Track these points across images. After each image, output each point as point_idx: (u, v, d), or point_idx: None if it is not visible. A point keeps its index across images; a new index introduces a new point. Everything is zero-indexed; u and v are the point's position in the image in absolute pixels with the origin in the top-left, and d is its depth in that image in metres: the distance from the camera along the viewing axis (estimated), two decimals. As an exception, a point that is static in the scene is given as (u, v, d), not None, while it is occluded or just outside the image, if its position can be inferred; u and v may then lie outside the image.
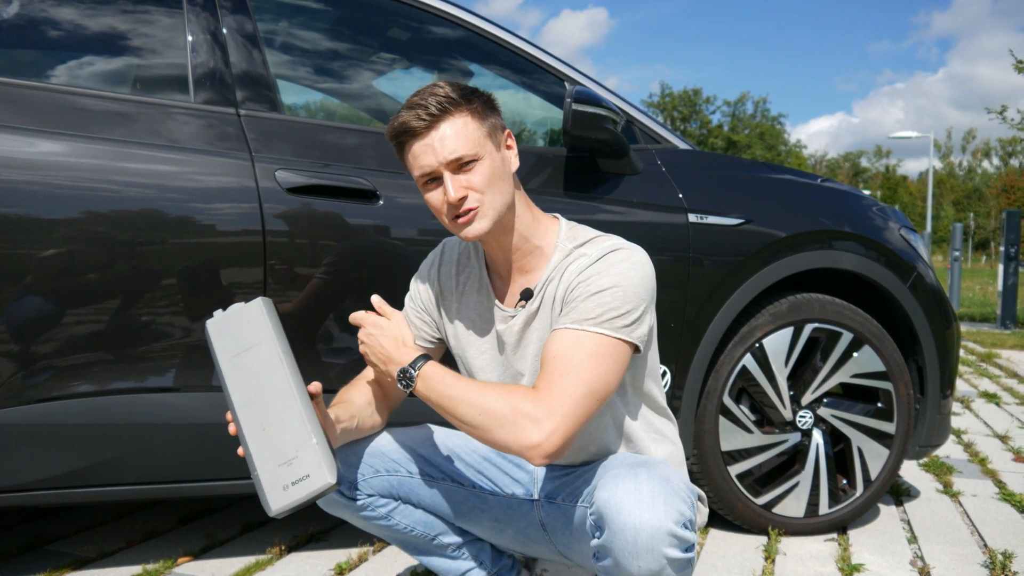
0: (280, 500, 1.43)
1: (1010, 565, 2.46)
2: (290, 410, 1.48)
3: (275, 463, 1.45)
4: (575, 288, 1.61)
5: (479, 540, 1.93)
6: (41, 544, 2.56)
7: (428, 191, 1.64)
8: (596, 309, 1.56)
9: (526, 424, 1.48)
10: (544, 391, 1.51)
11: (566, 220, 1.76)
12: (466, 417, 1.53)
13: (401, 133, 1.61)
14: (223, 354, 1.54)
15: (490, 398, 1.52)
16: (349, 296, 2.27)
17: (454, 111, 1.58)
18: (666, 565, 1.41)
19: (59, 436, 2.06)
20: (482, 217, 1.61)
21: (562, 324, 1.58)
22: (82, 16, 2.29)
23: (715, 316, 2.57)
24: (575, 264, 1.65)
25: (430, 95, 1.58)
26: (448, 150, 1.58)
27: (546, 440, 1.47)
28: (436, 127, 1.58)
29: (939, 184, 75.60)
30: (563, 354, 1.54)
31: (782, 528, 2.71)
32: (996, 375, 6.44)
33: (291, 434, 1.46)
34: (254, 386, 1.50)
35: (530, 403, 1.49)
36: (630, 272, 1.59)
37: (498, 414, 1.50)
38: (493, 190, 1.61)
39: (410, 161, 1.63)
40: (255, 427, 1.48)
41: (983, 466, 3.63)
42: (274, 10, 2.69)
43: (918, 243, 2.98)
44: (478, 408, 1.52)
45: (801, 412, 2.69)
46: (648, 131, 2.73)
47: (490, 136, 1.63)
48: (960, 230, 12.51)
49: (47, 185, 2.02)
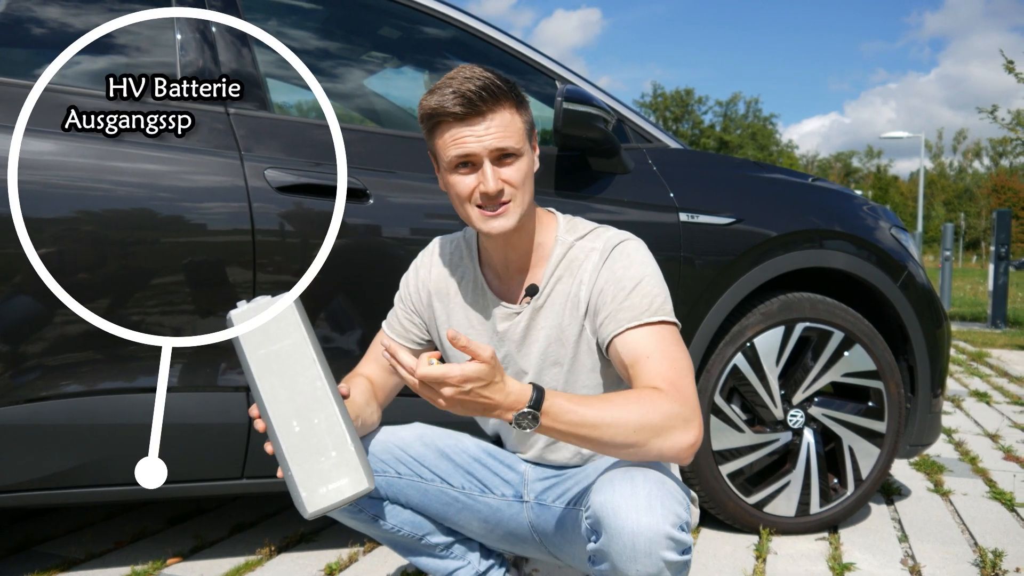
0: (317, 502, 1.41)
1: (1000, 563, 2.46)
2: (326, 411, 1.45)
3: (310, 464, 1.42)
4: (604, 289, 1.62)
5: (468, 540, 1.92)
6: (29, 545, 2.55)
7: (458, 174, 1.60)
8: (644, 301, 1.58)
9: (681, 426, 1.45)
10: (671, 389, 1.48)
11: (562, 214, 1.76)
12: (617, 439, 1.42)
13: (439, 115, 1.57)
14: (251, 348, 1.49)
15: (636, 412, 1.43)
16: (340, 295, 2.26)
17: (501, 100, 1.56)
18: (664, 568, 1.40)
19: (47, 436, 2.04)
20: (511, 214, 1.61)
21: (623, 326, 1.58)
22: (71, 14, 2.28)
23: (706, 315, 2.57)
24: (588, 262, 1.66)
25: (474, 80, 1.54)
26: (496, 140, 1.56)
27: (698, 436, 1.46)
28: (485, 115, 1.55)
29: (930, 184, 75.87)
30: (655, 350, 1.54)
31: (773, 527, 2.71)
32: (987, 374, 6.46)
33: (327, 435, 1.44)
34: (286, 383, 1.47)
35: (675, 405, 1.46)
36: (648, 259, 1.66)
37: (654, 426, 1.43)
38: (524, 188, 1.61)
39: (446, 141, 1.58)
40: (288, 425, 1.44)
41: (973, 465, 3.64)
42: (264, 8, 2.68)
43: (909, 242, 2.99)
44: (632, 426, 1.42)
45: (792, 411, 2.69)
46: (639, 130, 2.73)
47: (528, 134, 1.63)
48: (951, 230, 12.55)
49: (36, 184, 2.00)
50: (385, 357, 1.44)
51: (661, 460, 1.47)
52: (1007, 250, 10.31)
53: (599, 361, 1.69)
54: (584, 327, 1.66)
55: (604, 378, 1.71)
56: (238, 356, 1.51)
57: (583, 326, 1.66)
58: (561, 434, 1.43)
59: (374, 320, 1.93)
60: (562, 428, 1.42)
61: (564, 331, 1.67)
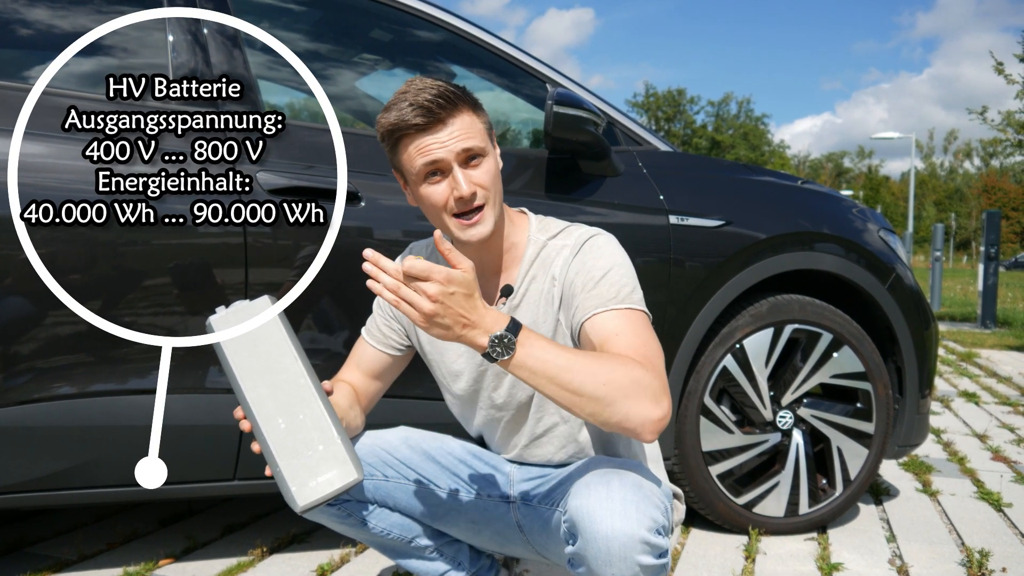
0: (307, 496, 1.43)
1: (986, 563, 2.48)
2: (310, 406, 1.47)
3: (298, 459, 1.44)
4: (575, 281, 1.62)
5: (457, 541, 1.93)
6: (21, 547, 2.55)
7: (429, 184, 1.60)
8: (611, 289, 1.58)
9: (649, 398, 1.40)
10: (644, 361, 1.45)
11: (534, 214, 1.77)
12: (586, 387, 1.38)
13: (401, 129, 1.57)
14: (232, 351, 1.51)
15: (607, 368, 1.40)
16: (331, 297, 2.27)
17: (459, 105, 1.57)
18: (639, 572, 1.41)
19: (40, 438, 2.05)
20: (487, 219, 1.61)
21: (590, 312, 1.56)
22: (61, 16, 2.28)
23: (696, 317, 2.59)
24: (559, 258, 1.66)
25: (428, 90, 1.55)
26: (461, 142, 1.56)
27: (666, 413, 1.42)
28: (444, 122, 1.55)
29: (921, 185, 76.13)
30: (624, 329, 1.52)
31: (762, 527, 2.73)
32: (976, 375, 6.49)
33: (313, 430, 1.45)
34: (269, 382, 1.48)
35: (647, 375, 1.42)
36: (617, 251, 1.66)
37: (623, 385, 1.39)
38: (495, 189, 1.62)
39: (411, 154, 1.58)
40: (273, 423, 1.46)
41: (962, 465, 3.67)
42: (256, 11, 2.69)
43: (897, 245, 3.01)
44: (601, 379, 1.38)
45: (781, 412, 2.71)
46: (629, 133, 2.74)
47: (488, 133, 1.64)
48: (941, 230, 12.61)
49: (28, 185, 2.01)
50: (367, 258, 1.39)
51: (625, 428, 1.41)
52: (997, 250, 10.36)
53: None
54: (559, 320, 1.68)
55: None
56: (219, 359, 1.52)
57: (558, 319, 1.68)
58: (531, 372, 1.39)
59: (364, 323, 1.94)
60: (532, 364, 1.38)
61: (540, 328, 1.68)
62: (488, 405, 1.79)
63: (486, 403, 1.79)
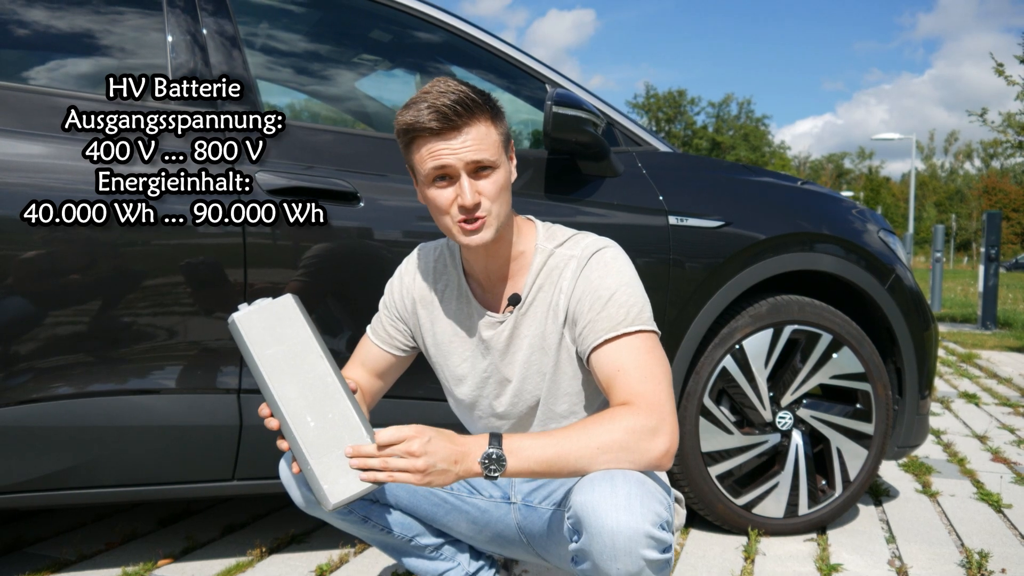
0: (339, 494, 1.45)
1: (986, 564, 2.48)
2: (339, 404, 1.50)
3: (329, 457, 1.46)
4: (583, 299, 1.63)
5: (458, 541, 1.94)
6: (20, 547, 2.55)
7: (436, 187, 1.60)
8: (620, 312, 1.60)
9: (648, 437, 1.49)
10: (640, 401, 1.53)
11: (540, 222, 1.77)
12: (584, 464, 1.48)
13: (416, 129, 1.57)
14: (257, 349, 1.53)
15: (598, 435, 1.49)
16: (330, 298, 2.27)
17: (476, 114, 1.57)
18: (644, 567, 1.42)
19: (39, 438, 2.05)
20: (488, 227, 1.61)
21: (600, 338, 1.60)
22: (60, 17, 2.28)
23: (695, 318, 2.59)
24: (567, 270, 1.67)
25: (448, 94, 1.54)
26: (472, 153, 1.56)
27: (671, 443, 1.51)
28: (459, 129, 1.55)
29: (921, 186, 76.16)
30: (629, 362, 1.57)
31: (762, 528, 2.73)
32: (976, 376, 6.49)
33: (342, 428, 1.48)
34: (297, 381, 1.51)
35: (639, 417, 1.50)
36: (625, 267, 1.66)
37: (618, 443, 1.48)
38: (501, 201, 1.62)
39: (423, 156, 1.59)
40: (303, 421, 1.49)
41: (961, 466, 3.67)
42: (255, 12, 2.69)
43: (897, 245, 3.01)
44: (595, 449, 1.47)
45: (781, 413, 2.71)
46: (629, 134, 2.74)
47: (504, 145, 1.64)
48: (942, 231, 12.61)
49: (27, 186, 2.01)
50: (348, 455, 1.46)
51: (642, 469, 1.50)
52: (997, 251, 10.36)
53: (580, 370, 1.71)
54: (564, 335, 1.68)
55: (585, 386, 1.72)
56: (244, 357, 1.55)
57: (563, 334, 1.68)
58: (532, 472, 1.48)
59: (365, 322, 1.94)
60: (530, 466, 1.47)
61: (546, 339, 1.69)
62: (488, 413, 1.80)
63: (486, 411, 1.80)
